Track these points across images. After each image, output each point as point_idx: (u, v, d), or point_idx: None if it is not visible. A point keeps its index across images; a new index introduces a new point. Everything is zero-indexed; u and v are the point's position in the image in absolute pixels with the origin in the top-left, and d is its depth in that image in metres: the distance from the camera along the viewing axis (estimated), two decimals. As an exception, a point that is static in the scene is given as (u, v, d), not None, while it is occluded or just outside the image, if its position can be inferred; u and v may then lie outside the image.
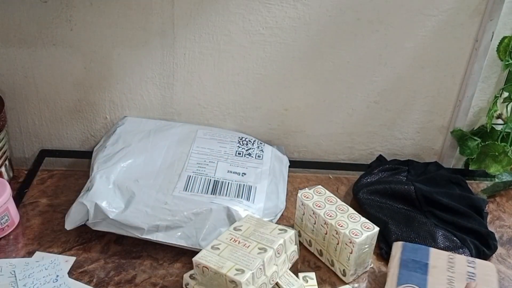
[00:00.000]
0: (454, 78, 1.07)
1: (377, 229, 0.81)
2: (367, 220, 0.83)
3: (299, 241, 0.89)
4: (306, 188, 0.88)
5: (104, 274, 0.82)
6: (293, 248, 0.80)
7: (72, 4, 0.95)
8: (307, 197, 0.86)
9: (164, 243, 0.85)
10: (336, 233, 0.81)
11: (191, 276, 0.78)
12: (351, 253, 0.80)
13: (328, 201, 0.86)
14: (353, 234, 0.80)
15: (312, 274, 0.82)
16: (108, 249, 0.87)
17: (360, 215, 0.84)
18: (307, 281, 0.81)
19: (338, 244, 0.82)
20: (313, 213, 0.84)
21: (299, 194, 0.87)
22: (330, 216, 0.83)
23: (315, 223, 0.85)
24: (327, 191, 0.88)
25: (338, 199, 0.86)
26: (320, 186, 0.89)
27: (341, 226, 0.81)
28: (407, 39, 1.01)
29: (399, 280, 0.78)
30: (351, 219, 0.83)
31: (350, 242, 0.80)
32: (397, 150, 1.15)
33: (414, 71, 1.05)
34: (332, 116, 1.10)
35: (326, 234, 0.84)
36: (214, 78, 1.04)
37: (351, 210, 0.84)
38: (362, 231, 0.80)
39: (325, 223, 0.83)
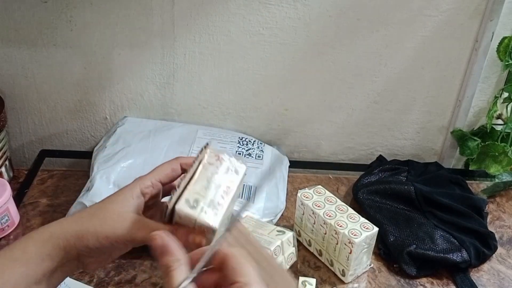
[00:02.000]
0: (454, 79, 1.07)
1: (376, 229, 0.81)
2: (366, 220, 0.83)
3: (299, 241, 0.89)
4: (306, 188, 0.88)
5: (104, 274, 0.82)
6: (291, 250, 0.80)
7: (72, 4, 0.95)
8: (306, 197, 0.86)
9: (164, 243, 0.85)
10: (335, 233, 0.81)
11: None
12: (350, 253, 0.80)
13: (327, 201, 0.86)
14: (352, 234, 0.80)
15: (313, 280, 0.82)
16: (108, 249, 0.86)
17: (359, 215, 0.84)
18: (305, 286, 0.81)
19: (337, 244, 0.82)
20: (313, 213, 0.84)
21: (299, 194, 0.87)
22: (329, 216, 0.83)
23: (314, 223, 0.85)
24: (327, 191, 0.88)
25: (338, 199, 0.86)
26: (320, 186, 0.89)
27: (340, 226, 0.81)
28: (407, 39, 1.01)
29: None
30: (351, 219, 0.83)
31: (349, 242, 0.80)
32: (397, 150, 1.15)
33: (414, 72, 1.05)
34: (332, 116, 1.10)
35: (325, 234, 0.84)
36: (214, 78, 1.04)
37: (351, 210, 0.84)
38: (361, 231, 0.80)
39: (324, 223, 0.83)
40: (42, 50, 1.00)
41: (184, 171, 0.58)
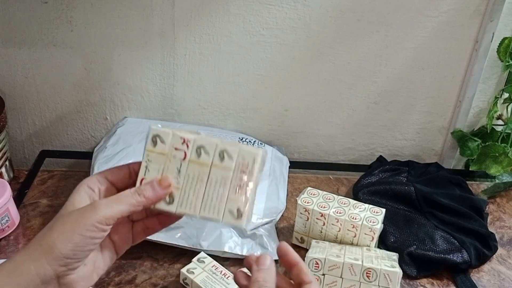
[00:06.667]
0: (454, 79, 1.07)
1: (383, 210, 0.84)
2: (371, 206, 0.84)
3: (303, 247, 0.88)
4: (301, 194, 0.87)
5: (105, 275, 0.82)
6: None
7: (72, 5, 0.95)
8: (307, 202, 0.86)
9: (164, 244, 0.85)
10: (353, 227, 0.82)
11: (188, 271, 0.79)
12: (371, 240, 0.81)
13: (327, 199, 0.86)
14: (370, 222, 0.81)
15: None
16: (108, 250, 0.86)
17: (361, 202, 0.86)
18: None
19: (355, 236, 0.82)
20: (321, 215, 0.84)
21: (299, 202, 0.86)
22: (339, 213, 0.83)
23: (324, 225, 0.85)
24: (319, 190, 0.88)
25: (335, 195, 0.87)
26: (310, 188, 0.89)
27: (354, 219, 0.81)
28: (408, 40, 1.01)
29: None
30: (359, 209, 0.84)
31: (371, 231, 0.80)
32: (397, 151, 1.15)
33: (415, 72, 1.05)
34: (332, 117, 1.10)
35: (339, 231, 0.83)
36: (214, 79, 1.04)
37: (352, 201, 0.86)
38: (375, 216, 0.82)
39: (337, 221, 0.83)
40: (42, 50, 1.00)
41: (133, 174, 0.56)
